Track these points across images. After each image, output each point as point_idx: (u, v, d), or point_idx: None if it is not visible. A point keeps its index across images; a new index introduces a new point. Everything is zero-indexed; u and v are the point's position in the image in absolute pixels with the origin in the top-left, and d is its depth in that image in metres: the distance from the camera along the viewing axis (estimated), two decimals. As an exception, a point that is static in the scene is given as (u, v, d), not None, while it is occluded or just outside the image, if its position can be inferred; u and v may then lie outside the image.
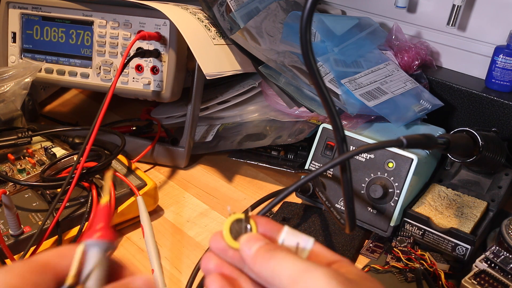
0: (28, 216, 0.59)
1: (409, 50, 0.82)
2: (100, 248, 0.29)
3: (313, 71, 0.38)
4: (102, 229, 0.30)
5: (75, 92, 1.01)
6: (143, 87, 0.74)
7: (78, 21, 0.75)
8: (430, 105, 0.76)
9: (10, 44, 0.79)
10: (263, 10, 0.79)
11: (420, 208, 0.62)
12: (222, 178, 0.78)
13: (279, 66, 0.74)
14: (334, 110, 0.41)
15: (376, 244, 0.63)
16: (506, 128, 0.76)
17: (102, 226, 0.30)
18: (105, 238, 0.29)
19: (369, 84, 0.75)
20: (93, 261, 0.29)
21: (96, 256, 0.29)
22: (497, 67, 0.77)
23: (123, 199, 0.65)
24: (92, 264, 0.29)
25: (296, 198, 0.70)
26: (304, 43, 0.37)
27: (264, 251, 0.31)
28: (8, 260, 0.55)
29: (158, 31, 0.71)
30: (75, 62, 0.77)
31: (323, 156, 0.68)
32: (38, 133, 0.73)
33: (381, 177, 0.63)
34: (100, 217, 0.30)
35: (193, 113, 0.76)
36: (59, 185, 0.61)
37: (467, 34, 0.83)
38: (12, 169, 0.67)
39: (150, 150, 0.78)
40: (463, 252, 0.58)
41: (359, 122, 0.73)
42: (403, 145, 0.44)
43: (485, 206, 0.63)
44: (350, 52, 0.79)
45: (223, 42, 0.74)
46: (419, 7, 0.87)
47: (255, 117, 0.81)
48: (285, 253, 0.31)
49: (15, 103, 0.73)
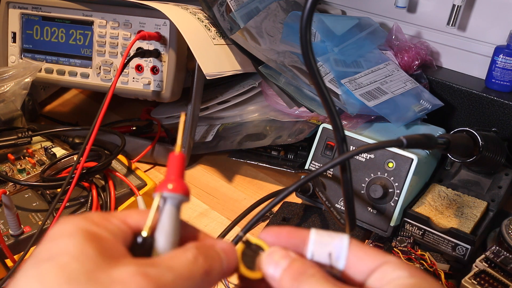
0: (28, 216, 0.59)
1: (409, 50, 0.82)
2: (174, 201, 0.27)
3: (313, 71, 0.38)
4: (175, 180, 0.27)
5: (75, 92, 1.01)
6: (143, 87, 0.74)
7: (78, 21, 0.75)
8: (430, 105, 0.76)
9: (10, 44, 0.79)
10: (263, 10, 0.79)
11: (420, 208, 0.62)
12: (222, 178, 0.78)
13: (279, 66, 0.74)
14: (334, 110, 0.41)
15: (376, 244, 0.63)
16: (506, 128, 0.76)
17: (175, 177, 0.27)
18: (180, 191, 0.27)
19: (369, 84, 0.75)
20: (168, 214, 0.27)
21: (171, 209, 0.27)
22: (497, 67, 0.77)
23: (123, 199, 0.65)
24: (167, 217, 0.27)
25: (296, 198, 0.70)
26: (304, 43, 0.37)
27: (289, 278, 0.27)
28: (8, 260, 0.55)
29: (158, 31, 0.71)
30: (75, 62, 0.77)
31: (323, 156, 0.68)
32: (38, 133, 0.73)
33: (381, 177, 0.63)
34: (174, 167, 0.28)
35: (193, 113, 0.76)
36: (59, 185, 0.61)
37: (467, 34, 0.83)
38: (12, 169, 0.67)
39: (150, 150, 0.78)
40: (463, 252, 0.58)
41: (359, 122, 0.73)
42: (403, 145, 0.44)
43: (485, 206, 0.63)
44: (350, 52, 0.79)
45: (223, 42, 0.74)
46: (419, 7, 0.87)
47: (255, 117, 0.81)
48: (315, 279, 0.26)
49: (15, 103, 0.73)
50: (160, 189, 0.27)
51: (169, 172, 0.28)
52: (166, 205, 0.27)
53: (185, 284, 0.25)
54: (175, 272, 0.25)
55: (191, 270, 0.25)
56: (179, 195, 0.27)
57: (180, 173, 0.28)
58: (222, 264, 0.27)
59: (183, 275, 0.25)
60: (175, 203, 0.27)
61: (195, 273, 0.25)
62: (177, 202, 0.27)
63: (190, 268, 0.25)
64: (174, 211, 0.27)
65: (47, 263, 0.23)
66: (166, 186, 0.27)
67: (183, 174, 0.28)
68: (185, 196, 0.27)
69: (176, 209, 0.27)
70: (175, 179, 0.27)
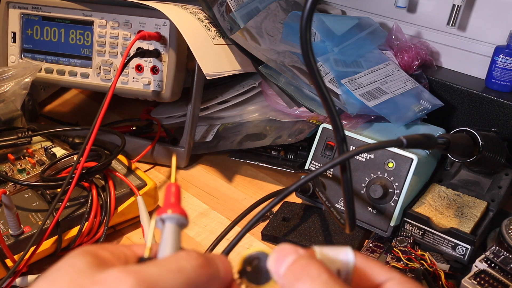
0: (28, 216, 0.59)
1: (409, 50, 0.82)
2: (174, 222, 0.28)
3: (313, 71, 0.38)
4: (174, 204, 0.28)
5: (75, 92, 1.01)
6: (143, 87, 0.74)
7: (78, 21, 0.75)
8: (430, 105, 0.76)
9: (10, 44, 0.79)
10: (263, 10, 0.79)
11: (420, 208, 0.62)
12: (222, 178, 0.78)
13: (279, 66, 0.74)
14: (334, 110, 0.41)
15: (376, 244, 0.63)
16: (506, 128, 0.76)
17: (174, 202, 0.29)
18: (179, 213, 0.28)
19: (369, 84, 0.75)
20: (168, 235, 0.27)
21: (171, 230, 0.28)
22: (497, 67, 0.77)
23: (123, 199, 0.65)
24: (168, 238, 0.27)
25: (296, 198, 0.70)
26: (304, 43, 0.37)
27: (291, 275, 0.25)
28: (8, 260, 0.55)
29: (158, 31, 0.71)
30: (75, 62, 0.77)
31: (323, 156, 0.68)
32: (38, 133, 0.73)
33: (381, 177, 0.63)
34: (171, 193, 0.29)
35: (193, 113, 0.76)
36: (59, 185, 0.61)
37: (467, 34, 0.83)
38: (12, 169, 0.67)
39: (150, 150, 0.78)
40: (463, 252, 0.58)
41: (359, 122, 0.73)
42: (403, 145, 0.44)
43: (485, 206, 0.63)
44: (350, 52, 0.79)
45: (223, 42, 0.74)
46: (419, 7, 0.87)
47: (255, 117, 0.81)
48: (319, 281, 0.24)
49: (15, 103, 0.73)
50: (159, 213, 0.28)
51: (167, 199, 0.29)
52: (166, 227, 0.28)
53: (174, 276, 0.24)
54: (162, 266, 0.25)
55: (180, 264, 0.25)
56: (178, 215, 0.28)
57: (177, 199, 0.29)
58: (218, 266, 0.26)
59: (171, 268, 0.24)
60: (175, 223, 0.28)
61: (185, 266, 0.25)
62: (177, 223, 0.28)
63: (180, 263, 0.25)
64: (174, 232, 0.28)
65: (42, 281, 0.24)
66: (165, 211, 0.28)
67: (180, 200, 0.29)
68: (183, 217, 0.28)
69: (177, 231, 0.28)
70: (173, 204, 0.29)
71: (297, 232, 0.64)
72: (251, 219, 0.42)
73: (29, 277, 0.57)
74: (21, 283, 0.57)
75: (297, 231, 0.64)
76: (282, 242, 0.64)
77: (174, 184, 0.30)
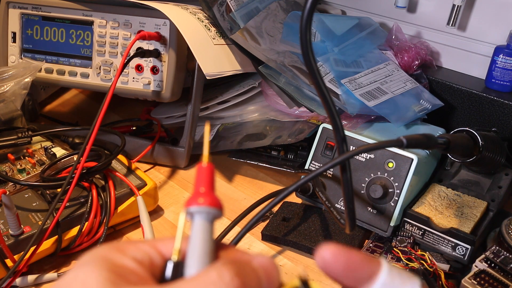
0: (28, 216, 0.59)
1: (409, 50, 0.82)
2: (204, 217, 0.23)
3: (313, 71, 0.38)
4: (205, 193, 0.24)
5: (75, 92, 1.01)
6: (143, 87, 0.74)
7: (78, 21, 0.75)
8: (430, 105, 0.76)
9: (10, 44, 0.79)
10: (263, 10, 0.79)
11: (420, 208, 0.62)
12: (222, 178, 0.78)
13: (279, 66, 0.74)
14: (334, 110, 0.41)
15: (376, 244, 0.63)
16: (506, 128, 0.76)
17: (205, 190, 0.24)
18: (211, 204, 0.23)
19: (369, 84, 0.75)
20: (199, 232, 0.23)
21: (201, 227, 0.23)
22: (497, 67, 0.77)
23: (123, 199, 0.65)
24: (197, 236, 0.23)
25: (296, 198, 0.70)
26: (304, 43, 0.37)
27: None
28: (8, 260, 0.55)
29: (158, 31, 0.71)
30: (75, 62, 0.77)
31: (323, 156, 0.68)
32: (38, 133, 0.73)
33: (381, 177, 0.63)
34: (202, 179, 0.24)
35: (193, 113, 0.76)
36: (59, 185, 0.61)
37: (467, 34, 0.83)
38: (12, 169, 0.67)
39: (150, 150, 0.78)
40: (463, 252, 0.58)
41: (359, 122, 0.73)
42: (403, 145, 0.44)
43: (485, 206, 0.63)
44: (350, 52, 0.79)
45: (223, 42, 0.74)
46: (419, 7, 0.87)
47: (255, 117, 0.81)
48: None
49: (15, 103, 0.73)
50: (189, 203, 0.24)
51: (197, 185, 0.24)
52: (195, 222, 0.24)
53: None
54: None
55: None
56: (211, 208, 0.24)
57: (210, 186, 0.24)
58: (261, 282, 0.23)
59: None
60: (207, 218, 0.24)
61: None
62: (209, 218, 0.24)
63: None
64: (206, 228, 0.23)
65: None
66: (195, 200, 0.24)
67: (213, 186, 0.24)
68: (217, 209, 0.24)
69: (208, 226, 0.24)
70: (204, 192, 0.24)
71: (297, 232, 0.64)
72: (251, 219, 0.42)
73: (29, 277, 0.57)
74: (21, 283, 0.57)
75: (297, 231, 0.64)
76: (282, 242, 0.64)
77: (207, 165, 0.25)
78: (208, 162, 0.25)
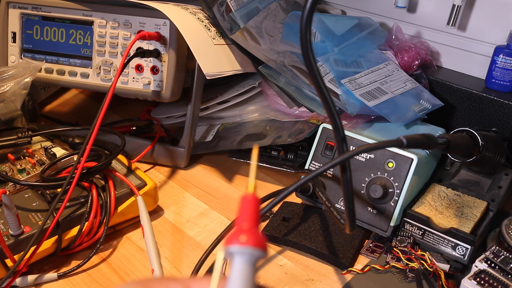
0: (28, 216, 0.59)
1: (409, 50, 0.82)
2: (247, 258, 0.21)
3: (313, 71, 0.38)
4: (249, 231, 0.21)
5: (75, 92, 1.01)
6: (143, 87, 0.74)
7: (78, 21, 0.75)
8: (430, 105, 0.76)
9: (10, 44, 0.79)
10: (263, 10, 0.79)
11: (420, 208, 0.62)
12: (222, 178, 0.78)
13: (279, 66, 0.74)
14: (334, 110, 0.41)
15: (376, 244, 0.63)
16: (506, 128, 0.76)
17: (248, 227, 0.21)
18: (254, 244, 0.21)
19: (369, 84, 0.75)
20: (239, 276, 0.21)
21: (241, 269, 0.21)
22: (497, 67, 0.77)
23: (123, 199, 0.65)
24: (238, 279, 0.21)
25: (296, 198, 0.70)
26: (304, 43, 0.37)
27: None
28: (8, 260, 0.55)
29: (158, 31, 0.71)
30: (75, 62, 0.77)
31: (323, 156, 0.68)
32: (38, 133, 0.73)
33: (381, 177, 0.63)
34: (246, 212, 0.22)
35: (193, 113, 0.76)
36: (59, 185, 0.61)
37: (467, 34, 0.83)
38: (12, 169, 0.67)
39: (150, 150, 0.78)
40: (463, 252, 0.58)
41: (359, 122, 0.73)
42: (403, 145, 0.44)
43: (485, 206, 0.63)
44: (350, 52, 0.79)
45: (223, 42, 0.74)
46: (419, 7, 0.87)
47: (255, 117, 0.82)
48: None
49: (15, 103, 0.73)
50: (230, 241, 0.21)
51: (239, 220, 0.22)
52: (236, 264, 0.21)
53: None
54: None
55: None
56: (254, 249, 0.21)
57: (254, 222, 0.22)
58: None
59: None
60: (249, 260, 0.21)
61: None
62: (251, 260, 0.21)
63: None
64: (247, 271, 0.21)
65: None
66: (237, 239, 0.21)
67: (258, 222, 0.22)
68: (261, 251, 0.21)
69: (249, 269, 0.21)
70: (248, 229, 0.21)
71: (297, 232, 0.64)
72: (251, 219, 0.42)
73: (29, 277, 0.58)
74: (21, 283, 0.57)
75: (297, 231, 0.64)
76: (282, 242, 0.64)
77: (251, 196, 0.22)
78: (253, 193, 0.22)
